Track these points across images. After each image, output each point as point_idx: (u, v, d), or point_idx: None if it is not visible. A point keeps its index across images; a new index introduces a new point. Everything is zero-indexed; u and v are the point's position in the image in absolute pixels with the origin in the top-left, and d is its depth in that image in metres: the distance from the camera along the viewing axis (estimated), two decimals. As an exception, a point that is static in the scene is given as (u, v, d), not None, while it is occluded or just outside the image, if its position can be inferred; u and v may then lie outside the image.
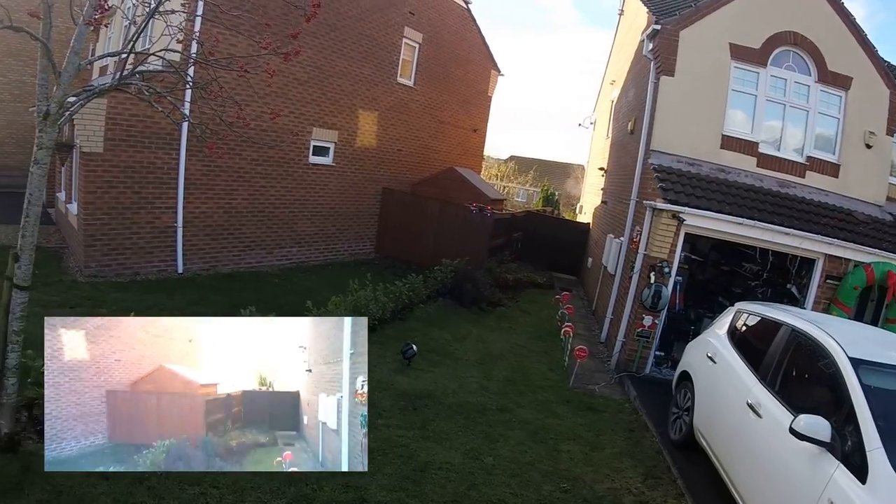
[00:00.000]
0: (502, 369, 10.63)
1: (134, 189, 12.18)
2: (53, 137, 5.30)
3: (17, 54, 22.41)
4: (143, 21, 5.65)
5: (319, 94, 15.86)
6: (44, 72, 5.28)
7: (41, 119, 5.16)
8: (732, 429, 6.28)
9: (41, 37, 5.09)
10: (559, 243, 21.98)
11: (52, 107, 5.15)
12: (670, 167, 11.48)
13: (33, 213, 5.28)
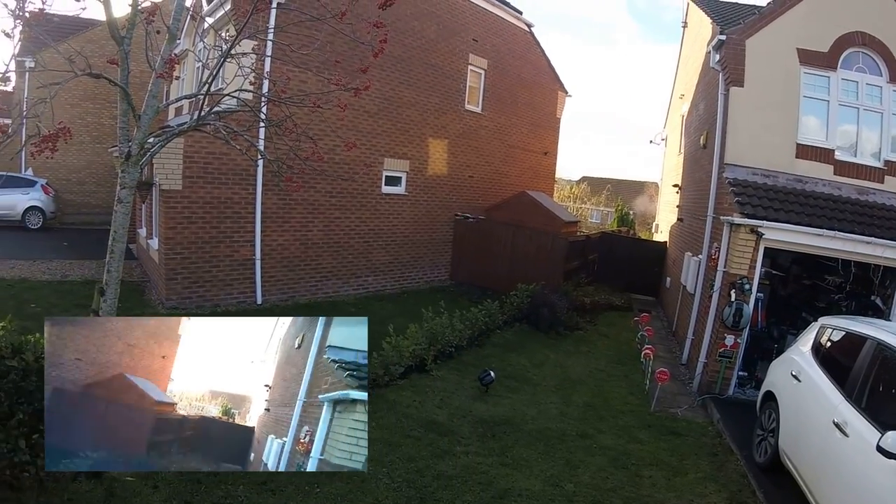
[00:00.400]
0: (582, 394, 10.52)
1: (212, 224, 12.64)
2: (135, 177, 5.59)
3: (94, 98, 23.67)
4: (217, 64, 5.91)
5: (389, 124, 16.17)
6: (124, 115, 5.59)
7: (123, 160, 5.44)
8: (818, 449, 6.07)
9: (120, 82, 5.35)
10: (636, 263, 21.61)
11: (133, 148, 5.44)
12: (746, 180, 11.24)
13: (118, 249, 5.53)
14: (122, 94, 5.47)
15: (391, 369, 9.36)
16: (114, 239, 5.52)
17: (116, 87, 5.46)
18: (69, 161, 23.60)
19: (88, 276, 14.02)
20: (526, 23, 21.24)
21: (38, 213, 21.04)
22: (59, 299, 11.85)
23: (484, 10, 19.07)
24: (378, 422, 7.80)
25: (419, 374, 10.05)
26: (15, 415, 4.89)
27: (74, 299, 11.71)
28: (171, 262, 12.27)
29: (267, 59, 11.08)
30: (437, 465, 6.90)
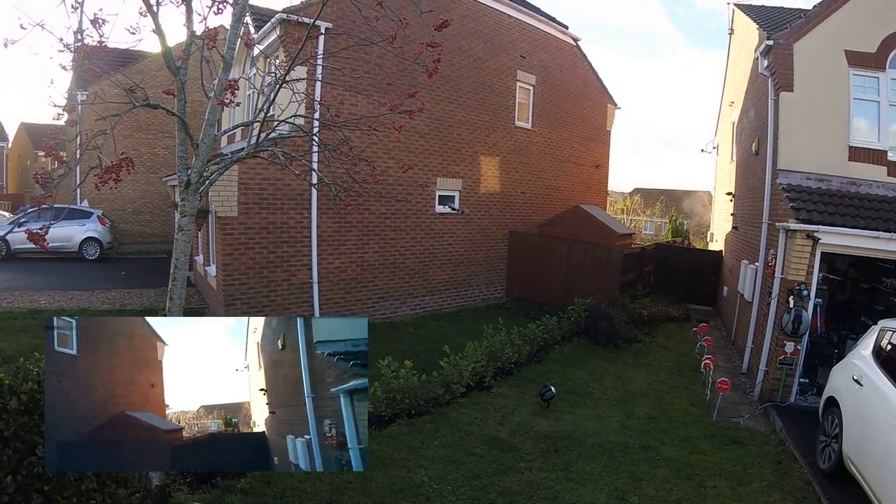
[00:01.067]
0: (643, 407, 10.55)
1: (269, 249, 12.92)
2: (195, 205, 5.75)
3: (147, 129, 24.57)
4: (273, 91, 6.13)
5: (441, 144, 16.43)
6: (182, 144, 5.78)
7: (183, 188, 5.62)
8: (883, 454, 6.06)
9: (177, 111, 5.60)
10: (692, 274, 21.42)
11: (192, 176, 5.61)
12: (799, 185, 11.20)
13: (180, 276, 5.68)
14: (179, 124, 5.64)
15: (452, 388, 9.53)
16: (175, 266, 5.65)
17: (173, 116, 5.64)
18: (124, 192, 24.41)
19: (147, 305, 14.47)
20: (572, 37, 21.43)
21: (95, 243, 21.77)
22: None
23: (530, 27, 19.30)
24: (441, 440, 7.97)
25: (479, 391, 10.17)
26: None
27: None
28: (229, 288, 12.52)
29: (317, 84, 11.34)
30: (501, 482, 7.01)
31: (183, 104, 5.66)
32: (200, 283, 16.70)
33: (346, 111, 10.45)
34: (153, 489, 5.50)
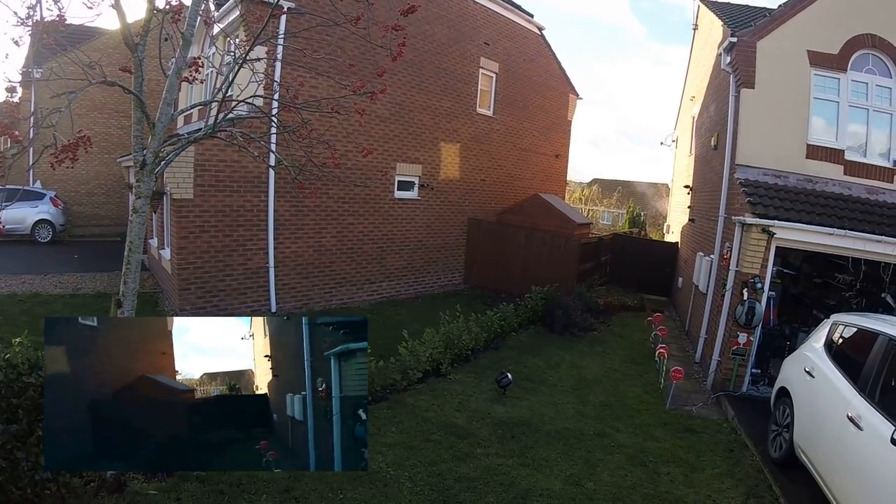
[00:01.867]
0: (598, 394, 10.64)
1: (225, 232, 12.65)
2: (151, 186, 5.58)
3: (102, 108, 23.69)
4: (233, 70, 5.98)
5: (401, 129, 16.29)
6: (138, 123, 5.60)
7: (138, 169, 5.45)
8: (833, 443, 6.20)
9: (134, 90, 5.43)
10: (648, 264, 21.69)
11: (148, 156, 5.44)
12: (757, 180, 11.38)
13: (134, 259, 5.53)
14: (136, 103, 5.47)
15: (409, 374, 9.50)
16: (130, 250, 5.50)
17: (130, 95, 5.47)
18: (78, 173, 23.51)
19: (100, 289, 14.15)
20: (537, 26, 21.39)
21: (48, 226, 21.12)
22: (72, 313, 11.89)
23: (495, 14, 19.21)
24: (398, 426, 7.95)
25: (436, 378, 10.17)
26: (34, 432, 4.81)
27: (88, 312, 11.69)
28: (184, 272, 12.27)
29: (277, 65, 11.12)
30: (458, 468, 7.02)
31: (140, 82, 5.49)
32: (155, 266, 16.29)
33: (307, 93, 10.25)
34: (108, 478, 5.40)
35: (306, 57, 9.50)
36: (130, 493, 5.42)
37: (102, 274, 15.79)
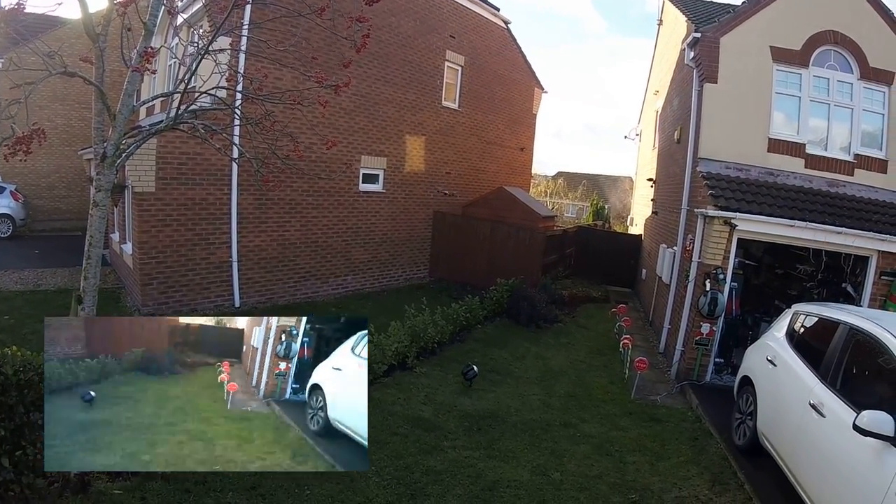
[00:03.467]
0: (564, 385, 10.71)
1: (187, 226, 12.40)
2: (112, 179, 5.46)
3: (64, 99, 22.93)
4: (194, 61, 5.85)
5: (366, 122, 16.12)
6: (99, 115, 5.46)
7: (99, 161, 5.32)
8: (796, 430, 6.30)
9: (95, 80, 5.30)
10: (612, 256, 21.92)
11: (109, 149, 5.31)
12: (719, 174, 11.53)
13: (95, 254, 5.42)
14: (97, 94, 5.35)
15: (375, 368, 9.42)
16: (90, 244, 5.39)
17: (91, 85, 5.36)
18: (38, 165, 22.74)
19: (62, 285, 13.81)
20: (503, 19, 21.36)
21: (8, 220, 20.48)
22: (32, 309, 11.64)
23: (461, 7, 19.13)
24: (364, 420, 7.92)
25: (402, 371, 10.11)
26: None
27: (49, 309, 11.49)
28: (145, 267, 12.01)
29: (242, 56, 10.94)
30: (425, 461, 7.00)
31: (101, 73, 5.34)
32: (116, 261, 15.89)
33: (271, 84, 10.09)
34: (72, 478, 5.28)
35: (270, 48, 9.29)
36: (95, 493, 5.31)
37: (64, 269, 15.41)
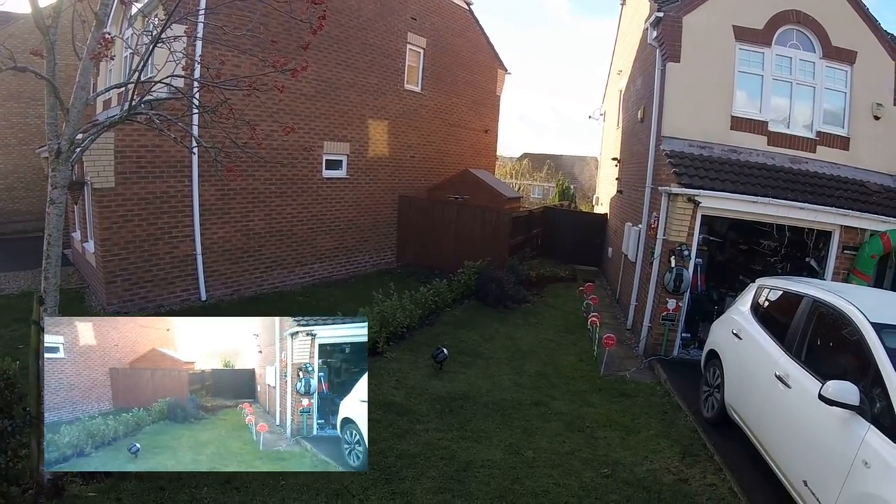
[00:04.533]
0: (533, 364, 10.79)
1: (149, 221, 12.15)
2: (67, 175, 5.32)
3: (19, 97, 22.20)
4: (147, 50, 5.70)
5: (328, 107, 15.92)
6: (52, 110, 5.26)
7: (53, 157, 5.18)
8: (763, 401, 6.43)
9: (46, 74, 5.16)
10: (578, 236, 22.10)
11: (63, 144, 5.17)
12: (682, 152, 11.62)
13: (54, 254, 5.27)
14: (49, 88, 5.15)
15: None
16: (48, 243, 5.23)
17: (42, 80, 5.17)
18: None
19: (25, 288, 13.46)
20: (465, 0, 21.27)
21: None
22: (-4, 315, 11.32)
23: (422, -12, 18.96)
24: (336, 407, 7.90)
25: (373, 357, 10.03)
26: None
27: (13, 314, 11.17)
28: (108, 265, 11.75)
29: (198, 43, 10.69)
30: (398, 445, 7.01)
31: (53, 66, 5.16)
32: (79, 261, 15.48)
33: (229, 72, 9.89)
34: (45, 483, 5.20)
35: (227, 34, 9.12)
36: (69, 498, 5.25)
37: (26, 272, 15.00)
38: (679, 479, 6.75)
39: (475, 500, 5.97)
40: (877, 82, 11.89)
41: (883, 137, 11.93)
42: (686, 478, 6.77)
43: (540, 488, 6.31)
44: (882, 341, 5.00)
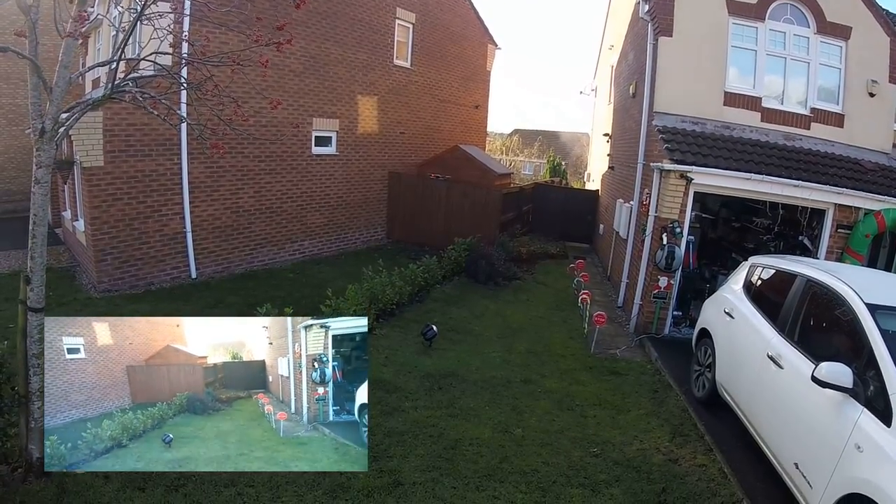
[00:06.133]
0: (523, 341, 10.74)
1: (139, 199, 12.08)
2: (52, 155, 5.23)
3: (8, 78, 22.01)
4: (131, 27, 5.56)
5: (317, 83, 15.74)
6: (35, 89, 5.17)
7: (37, 137, 5.07)
8: (755, 382, 6.38)
9: (28, 54, 5.04)
10: (569, 212, 22.03)
11: (46, 124, 5.05)
12: (675, 127, 11.52)
13: (40, 233, 5.20)
14: (31, 67, 5.02)
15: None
16: (34, 223, 5.15)
17: (24, 59, 5.04)
18: None
19: (16, 268, 13.18)
20: (455, -26, 20.96)
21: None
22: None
23: (411, -39, 18.67)
24: (324, 384, 7.84)
25: (362, 334, 10.02)
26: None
27: (3, 293, 10.89)
28: (99, 243, 11.69)
29: (185, 20, 10.57)
30: (387, 423, 6.96)
31: (35, 45, 5.03)
32: (70, 240, 15.34)
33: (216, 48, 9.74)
34: (35, 462, 5.17)
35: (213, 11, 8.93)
36: (58, 476, 5.18)
37: (17, 251, 14.82)
38: (669, 459, 6.71)
39: (463, 478, 5.91)
40: (872, 59, 11.78)
41: (878, 114, 11.86)
42: (676, 458, 6.73)
43: (529, 467, 6.27)
44: (877, 323, 4.94)
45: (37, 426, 5.19)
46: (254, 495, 5.28)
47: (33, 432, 5.20)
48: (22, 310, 5.14)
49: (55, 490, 5.05)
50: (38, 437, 5.19)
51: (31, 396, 5.16)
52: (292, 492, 5.38)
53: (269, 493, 5.33)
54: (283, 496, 5.31)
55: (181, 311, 10.68)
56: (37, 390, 5.16)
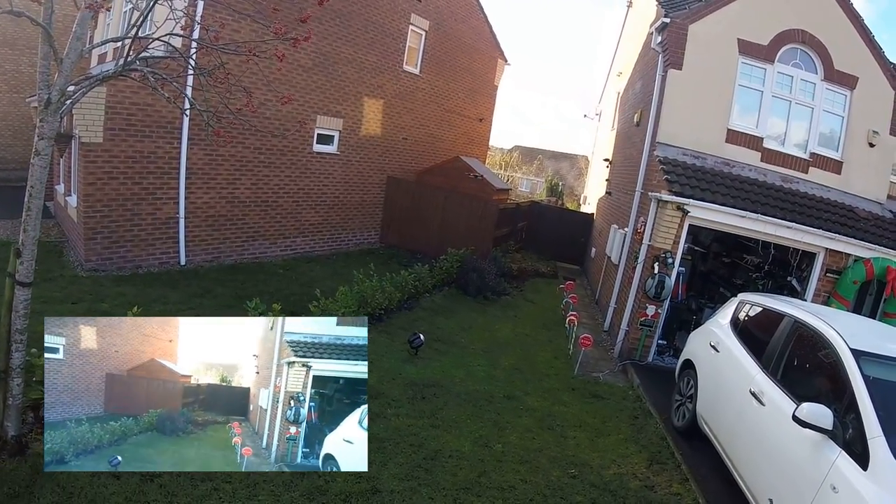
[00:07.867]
0: (509, 357, 10.79)
1: (135, 180, 11.97)
2: (55, 127, 5.18)
3: (13, 43, 21.85)
4: (148, 6, 5.58)
5: (324, 81, 15.76)
6: (45, 59, 5.18)
7: (42, 108, 5.04)
8: (735, 416, 6.45)
9: (42, 21, 5.00)
10: (563, 233, 22.19)
11: (53, 95, 5.03)
12: (676, 159, 11.64)
13: (35, 206, 5.15)
14: (44, 35, 5.00)
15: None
16: (30, 195, 5.09)
17: (38, 26, 4.99)
18: None
19: (4, 238, 13.24)
20: (471, -15, 21.09)
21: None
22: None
23: (430, -31, 18.78)
24: (307, 386, 7.86)
25: (349, 337, 10.03)
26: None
27: None
28: (90, 221, 11.59)
29: (199, 4, 10.61)
30: (368, 428, 6.99)
31: (50, 13, 5.00)
32: (61, 214, 15.28)
33: (228, 36, 9.76)
34: (10, 440, 5.14)
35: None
36: (33, 455, 5.14)
37: (6, 221, 14.73)
38: (645, 485, 6.76)
39: (441, 490, 5.93)
40: (875, 110, 11.98)
41: (876, 165, 12.06)
42: (652, 485, 6.78)
43: (507, 483, 6.29)
44: (860, 368, 5.02)
45: (14, 403, 5.17)
46: (230, 491, 5.27)
47: (10, 409, 5.17)
48: (10, 283, 5.07)
49: (28, 471, 4.99)
50: (16, 414, 5.19)
51: (12, 373, 5.11)
52: (269, 491, 5.37)
53: (246, 491, 5.31)
54: (260, 495, 5.30)
55: (167, 298, 10.63)
56: (17, 366, 5.13)
